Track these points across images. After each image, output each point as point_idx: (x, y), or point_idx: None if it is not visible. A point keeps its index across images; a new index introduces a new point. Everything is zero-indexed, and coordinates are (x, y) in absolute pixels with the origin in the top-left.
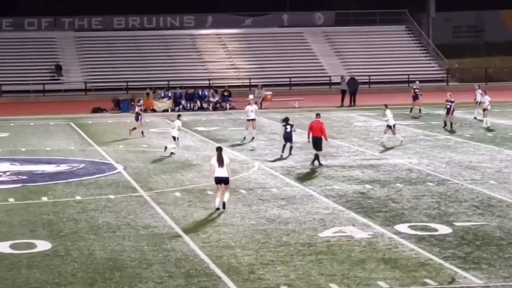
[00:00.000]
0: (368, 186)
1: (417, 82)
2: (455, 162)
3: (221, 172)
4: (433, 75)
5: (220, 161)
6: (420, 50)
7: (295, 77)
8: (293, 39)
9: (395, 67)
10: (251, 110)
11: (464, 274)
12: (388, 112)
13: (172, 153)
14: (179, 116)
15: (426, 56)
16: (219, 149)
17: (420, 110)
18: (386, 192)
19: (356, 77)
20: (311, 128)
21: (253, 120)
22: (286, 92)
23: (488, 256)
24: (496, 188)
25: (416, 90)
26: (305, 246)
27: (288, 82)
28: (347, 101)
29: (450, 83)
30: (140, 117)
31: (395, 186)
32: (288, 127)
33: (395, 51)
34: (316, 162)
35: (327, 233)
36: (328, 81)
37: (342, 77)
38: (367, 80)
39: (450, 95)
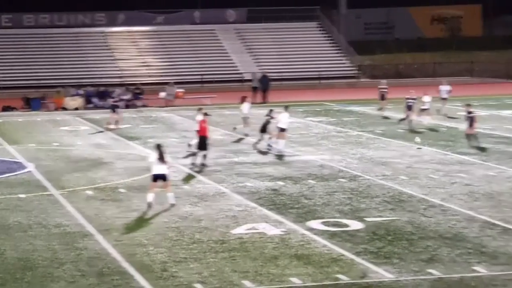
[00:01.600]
0: (280, 182)
1: (384, 81)
2: (367, 158)
3: (160, 169)
4: (344, 71)
5: (161, 158)
6: (332, 46)
7: (207, 74)
8: (205, 36)
9: (307, 64)
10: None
11: (376, 269)
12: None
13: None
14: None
15: (337, 53)
16: (158, 146)
17: (381, 108)
18: (298, 189)
19: (268, 74)
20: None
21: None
22: (198, 89)
23: (399, 251)
24: (407, 184)
25: (382, 90)
26: (218, 243)
27: (200, 80)
28: (259, 98)
29: (361, 80)
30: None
31: (308, 182)
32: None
33: (307, 48)
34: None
35: (240, 230)
36: (240, 78)
37: (253, 74)
38: (279, 77)
39: (413, 93)
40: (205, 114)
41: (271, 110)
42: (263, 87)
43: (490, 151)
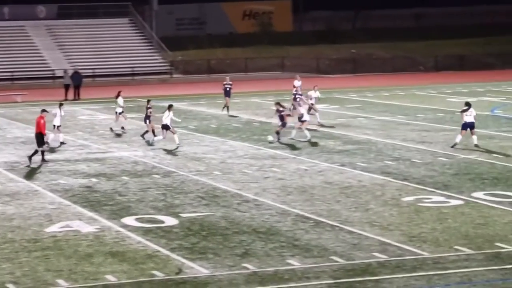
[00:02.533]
0: (94, 179)
1: (228, 77)
2: (181, 154)
3: None
4: (157, 67)
5: None
6: (144, 42)
7: (17, 72)
8: (15, 33)
9: (119, 60)
10: None
11: (191, 264)
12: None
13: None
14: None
15: (150, 49)
16: None
17: (228, 107)
18: (112, 185)
19: (80, 71)
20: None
21: None
22: (8, 86)
23: (214, 246)
24: (221, 179)
25: (227, 86)
26: (31, 242)
27: (11, 77)
28: (71, 95)
29: (174, 75)
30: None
31: (121, 179)
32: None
33: (119, 44)
34: (34, 158)
35: (54, 228)
36: (51, 75)
37: (65, 71)
38: (91, 74)
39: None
40: (43, 111)
41: (148, 101)
42: (75, 83)
43: (303, 145)
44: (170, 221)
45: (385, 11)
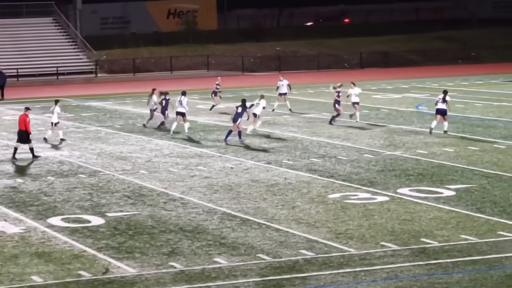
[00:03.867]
0: (19, 180)
1: (219, 78)
2: (106, 153)
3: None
4: (81, 67)
5: None
6: (68, 42)
7: None
8: None
9: (44, 60)
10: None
11: (118, 264)
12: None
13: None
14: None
15: (74, 48)
16: None
17: (213, 107)
18: (38, 186)
19: (4, 71)
20: (18, 121)
21: None
22: None
23: (141, 245)
24: (147, 178)
25: (217, 87)
26: None
27: None
28: None
29: (99, 75)
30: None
31: (47, 179)
32: (240, 108)
33: (43, 44)
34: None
35: None
36: None
37: None
38: (15, 74)
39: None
40: (27, 109)
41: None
42: None
43: (229, 143)
44: (96, 220)
45: (310, 8)
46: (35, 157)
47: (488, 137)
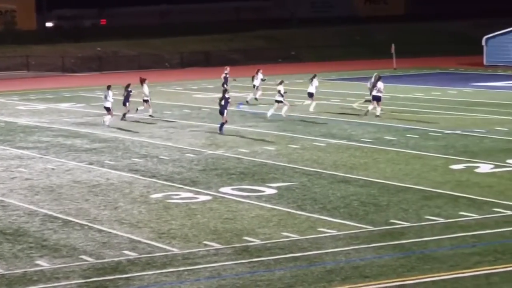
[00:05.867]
0: None
1: (227, 67)
2: None
3: None
4: None
5: None
6: None
7: None
8: None
9: None
10: None
11: None
12: None
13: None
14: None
15: None
16: None
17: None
18: None
19: None
20: None
21: None
22: None
23: None
24: None
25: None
26: None
27: None
28: None
29: None
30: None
31: None
32: (223, 101)
33: None
34: None
35: None
36: None
37: None
38: None
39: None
40: None
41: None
42: None
43: (49, 145)
44: None
45: (130, 8)
46: None
47: (308, 135)
